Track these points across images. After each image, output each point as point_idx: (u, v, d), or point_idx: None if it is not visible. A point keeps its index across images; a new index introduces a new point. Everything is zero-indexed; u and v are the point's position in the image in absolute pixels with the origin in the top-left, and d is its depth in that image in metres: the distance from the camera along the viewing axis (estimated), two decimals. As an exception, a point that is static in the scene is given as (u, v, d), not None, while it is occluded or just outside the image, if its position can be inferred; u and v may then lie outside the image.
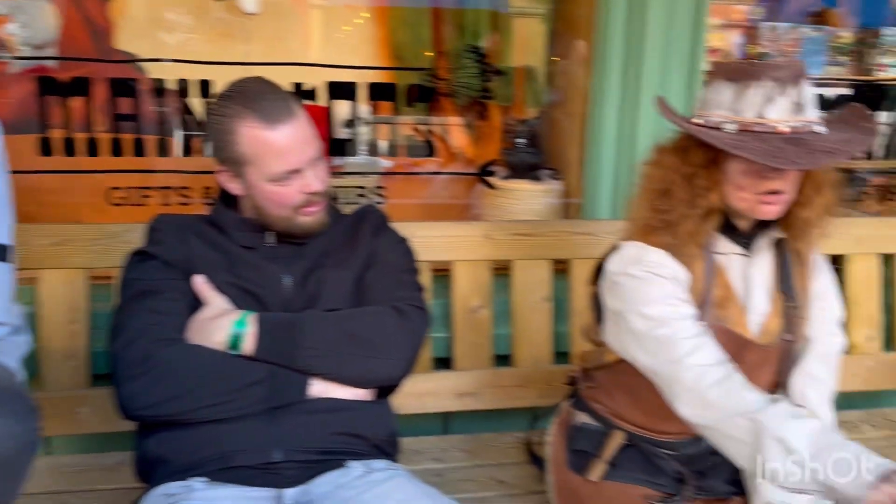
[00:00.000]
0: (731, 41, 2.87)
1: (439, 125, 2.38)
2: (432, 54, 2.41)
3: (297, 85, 2.14)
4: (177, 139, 2.32)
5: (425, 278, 1.90)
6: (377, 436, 1.40)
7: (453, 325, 1.99)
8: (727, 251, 1.39)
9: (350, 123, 2.18)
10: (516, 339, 2.02)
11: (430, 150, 2.32)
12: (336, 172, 2.32)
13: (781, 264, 1.43)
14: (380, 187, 2.28)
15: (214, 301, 1.37)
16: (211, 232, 1.46)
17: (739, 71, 1.26)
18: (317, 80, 2.14)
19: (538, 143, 2.47)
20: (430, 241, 1.93)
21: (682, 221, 1.32)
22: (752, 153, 1.19)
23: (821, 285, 1.49)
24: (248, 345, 1.31)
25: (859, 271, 2.19)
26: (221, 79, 1.44)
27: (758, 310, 1.41)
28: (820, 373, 1.45)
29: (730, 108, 1.25)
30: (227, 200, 1.50)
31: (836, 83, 2.93)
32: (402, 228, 1.79)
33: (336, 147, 2.20)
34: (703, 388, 1.25)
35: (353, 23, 2.61)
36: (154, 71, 2.32)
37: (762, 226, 1.38)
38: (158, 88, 2.29)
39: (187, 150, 2.27)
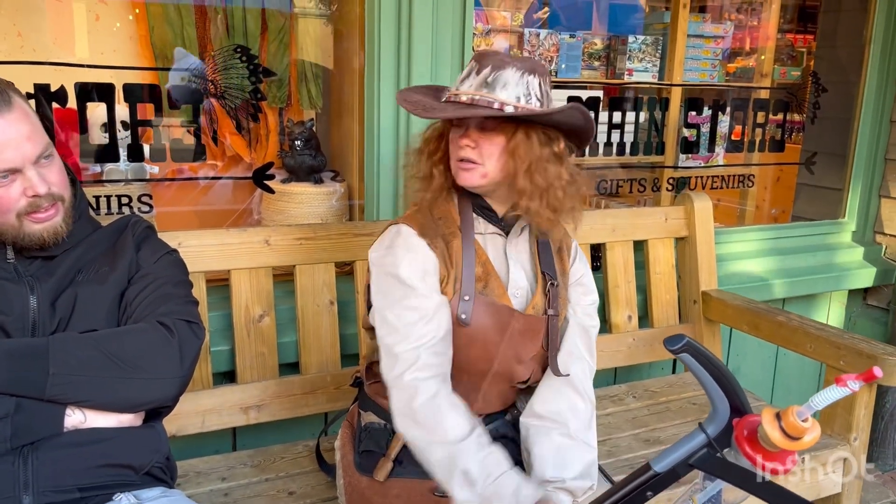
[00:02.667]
0: (497, 46, 3.04)
1: (209, 126, 2.27)
2: (197, 54, 2.30)
3: (45, 86, 1.94)
4: None
5: (200, 290, 1.81)
6: (148, 463, 1.30)
7: (235, 337, 1.91)
8: (485, 231, 1.50)
9: (107, 127, 2.00)
10: (303, 346, 1.98)
11: (201, 154, 2.20)
12: (96, 180, 2.14)
13: (538, 248, 1.54)
14: (147, 195, 2.13)
15: (-59, 332, 1.20)
16: None
17: (472, 59, 1.42)
18: (66, 80, 1.95)
19: (317, 145, 2.44)
20: (204, 250, 1.85)
21: (432, 196, 1.47)
22: (413, 106, 1.39)
23: (577, 271, 1.62)
24: None
25: (616, 257, 2.41)
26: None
27: (519, 285, 1.51)
28: (582, 352, 1.58)
29: (453, 85, 1.44)
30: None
31: (591, 86, 3.20)
32: (172, 238, 1.70)
33: (94, 154, 2.02)
34: (415, 406, 1.35)
35: (118, 25, 2.42)
36: None
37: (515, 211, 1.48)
38: None
39: None
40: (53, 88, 1.94)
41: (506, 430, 1.60)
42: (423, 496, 1.46)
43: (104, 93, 2.01)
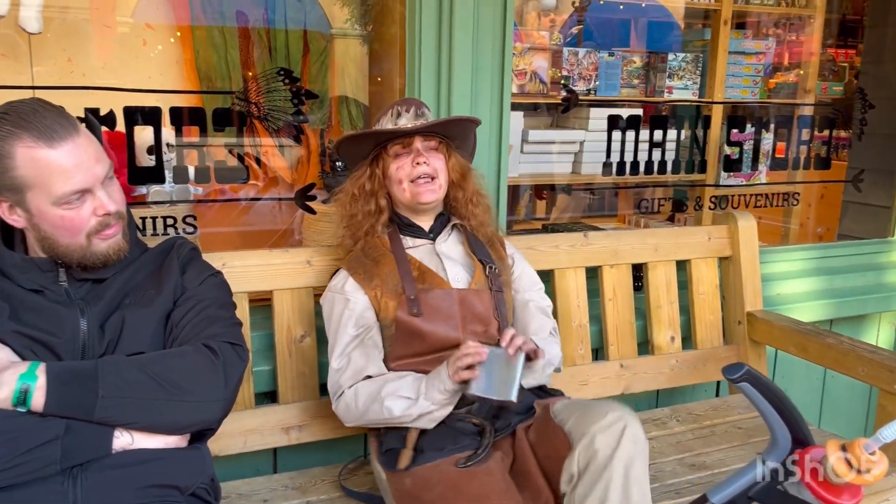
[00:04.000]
0: (536, 65, 3.03)
1: (252, 147, 2.30)
2: (242, 77, 2.33)
3: (94, 110, 1.98)
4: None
5: (243, 310, 1.83)
6: (193, 484, 1.30)
7: (276, 357, 1.92)
8: (413, 245, 1.79)
9: (154, 150, 2.04)
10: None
11: (245, 176, 2.23)
12: (141, 202, 2.17)
13: (469, 243, 1.81)
14: (191, 216, 2.16)
15: (-5, 353, 1.22)
16: None
17: (387, 108, 1.76)
18: (115, 104, 1.99)
19: (358, 166, 2.45)
20: (247, 271, 1.86)
21: (364, 223, 1.76)
22: (382, 130, 1.70)
23: (511, 258, 1.90)
24: (38, 399, 1.18)
25: (658, 277, 2.37)
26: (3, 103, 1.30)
27: (457, 275, 1.76)
28: (544, 323, 1.85)
29: (386, 124, 1.74)
30: (8, 240, 1.35)
31: (630, 104, 3.18)
32: (217, 259, 1.72)
33: (140, 175, 2.06)
34: (352, 414, 1.65)
35: (159, 48, 2.47)
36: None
37: (440, 218, 1.81)
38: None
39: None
40: (103, 112, 1.98)
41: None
42: (456, 473, 1.50)
43: (151, 116, 2.05)
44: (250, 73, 2.37)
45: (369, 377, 1.65)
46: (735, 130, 3.11)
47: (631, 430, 1.42)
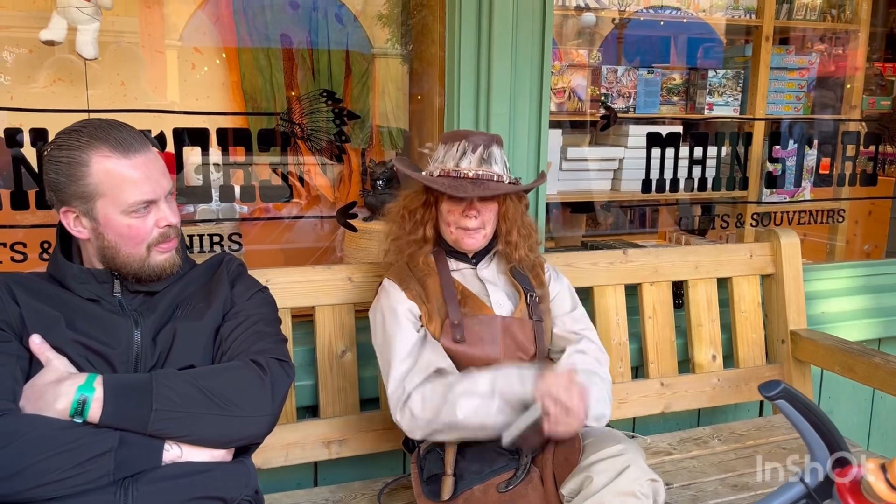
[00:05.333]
0: (575, 83, 3.05)
1: (296, 166, 2.36)
2: (286, 98, 2.40)
3: (146, 132, 2.06)
4: (9, 192, 2.15)
5: (286, 326, 1.87)
6: (238, 496, 1.33)
7: (318, 372, 1.95)
8: (457, 268, 1.79)
9: (201, 169, 2.11)
10: (383, 381, 2.00)
11: (289, 194, 2.29)
12: (189, 221, 2.24)
13: (512, 271, 1.80)
14: (236, 234, 2.22)
15: (54, 363, 1.27)
16: (48, 287, 1.37)
17: (451, 136, 1.72)
18: (165, 125, 2.07)
19: (398, 185, 2.49)
20: (290, 287, 1.91)
21: (406, 248, 1.76)
22: (439, 186, 1.65)
23: (548, 277, 1.87)
24: (95, 411, 1.22)
25: (698, 294, 2.35)
26: (58, 127, 1.37)
27: (500, 301, 1.76)
28: (588, 347, 1.79)
29: (441, 162, 1.70)
30: (66, 252, 1.41)
31: (670, 121, 3.17)
32: (261, 275, 1.76)
33: (188, 195, 2.13)
34: (421, 424, 1.57)
35: (205, 69, 2.55)
36: (-18, 119, 2.16)
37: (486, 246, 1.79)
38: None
39: (19, 203, 2.11)
40: (154, 134, 2.05)
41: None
42: (497, 498, 1.52)
43: (198, 137, 2.12)
44: (294, 94, 2.43)
45: (440, 370, 1.62)
46: (777, 147, 3.07)
47: (633, 471, 1.43)
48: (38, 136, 2.04)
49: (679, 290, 2.43)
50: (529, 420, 1.47)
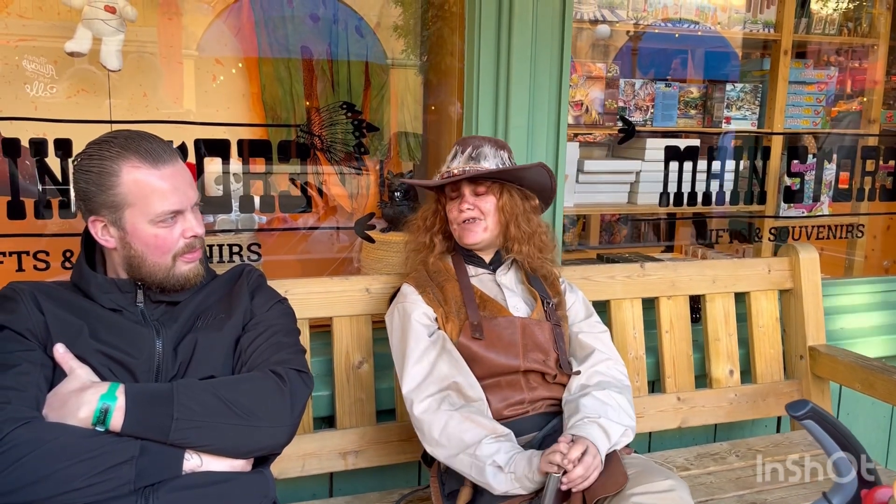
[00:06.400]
0: (592, 96, 3.05)
1: (315, 177, 2.37)
2: (305, 109, 2.41)
3: (167, 143, 2.08)
4: (32, 200, 2.18)
5: (304, 336, 1.87)
6: (257, 506, 1.34)
7: (335, 382, 1.96)
8: (475, 274, 1.84)
9: (221, 180, 2.12)
10: (399, 392, 2.00)
11: (308, 205, 2.30)
12: (209, 231, 2.26)
13: (528, 278, 1.85)
14: (255, 244, 2.23)
15: (77, 372, 1.28)
16: (72, 297, 1.38)
17: (455, 145, 1.82)
18: (186, 136, 2.09)
19: (415, 196, 2.50)
20: (308, 298, 1.91)
21: (424, 254, 1.84)
22: (422, 184, 1.82)
23: (570, 299, 1.90)
24: (117, 420, 1.23)
25: (716, 309, 2.34)
26: (82, 137, 1.39)
27: (517, 305, 1.80)
28: (604, 352, 1.81)
29: (443, 167, 1.81)
30: (90, 261, 1.42)
31: (687, 134, 3.16)
32: (280, 286, 1.77)
33: (208, 205, 2.14)
34: (434, 436, 1.59)
35: (222, 79, 2.57)
36: (6, 129, 2.19)
37: (498, 253, 1.85)
38: (11, 147, 2.16)
39: (42, 213, 2.14)
40: (175, 145, 2.07)
41: (560, 426, 1.70)
42: None
43: (219, 148, 2.14)
44: (313, 106, 2.45)
45: (457, 384, 1.64)
46: (795, 161, 3.06)
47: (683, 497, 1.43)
48: (61, 146, 2.06)
49: (696, 305, 2.42)
50: (551, 495, 1.45)
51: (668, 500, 1.42)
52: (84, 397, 1.24)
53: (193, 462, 1.28)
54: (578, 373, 1.75)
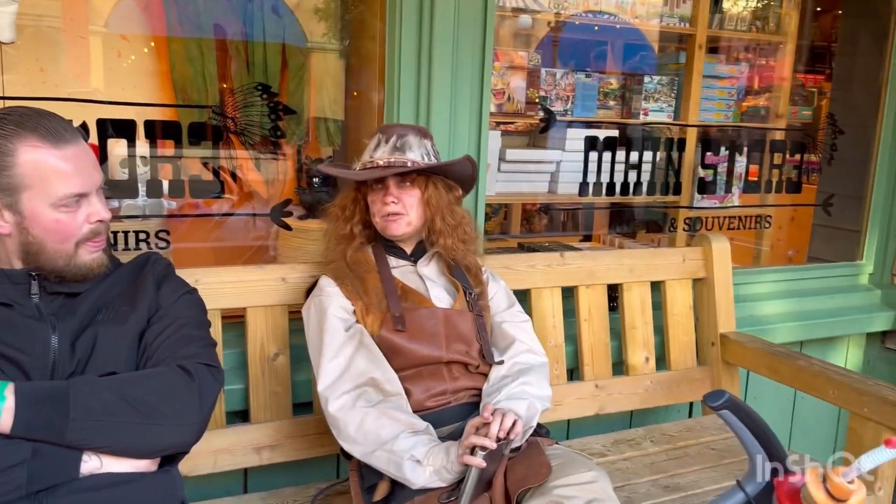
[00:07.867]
0: (514, 84, 3.05)
1: (228, 161, 2.27)
2: (218, 90, 2.31)
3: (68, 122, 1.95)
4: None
5: (216, 328, 1.80)
6: (163, 508, 1.27)
7: (249, 375, 1.89)
8: (397, 265, 1.81)
9: (127, 163, 2.01)
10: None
11: (220, 190, 2.20)
12: (114, 216, 2.13)
13: (450, 269, 1.83)
14: (164, 231, 2.12)
15: (-40, 372, 1.18)
16: None
17: (375, 131, 1.78)
18: (88, 116, 1.96)
19: (335, 183, 2.44)
20: (221, 288, 1.84)
21: (343, 245, 1.79)
22: (347, 175, 1.76)
23: (493, 289, 1.90)
24: (6, 421, 1.14)
25: (633, 298, 2.39)
26: (-32, 114, 1.27)
27: (439, 296, 1.78)
28: (525, 342, 1.83)
29: (365, 156, 1.76)
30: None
31: (606, 125, 3.21)
32: (190, 275, 1.69)
33: (112, 189, 2.02)
34: (350, 433, 1.57)
35: (133, 58, 2.44)
36: None
37: (420, 244, 1.83)
38: None
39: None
40: (76, 124, 1.94)
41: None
42: None
43: (125, 129, 2.02)
44: (227, 87, 2.35)
45: (374, 380, 1.62)
46: (709, 153, 3.15)
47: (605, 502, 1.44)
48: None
49: (614, 293, 2.46)
50: (472, 485, 1.43)
51: (590, 492, 1.43)
52: (-32, 398, 1.14)
53: (92, 464, 1.19)
54: (501, 362, 1.75)
